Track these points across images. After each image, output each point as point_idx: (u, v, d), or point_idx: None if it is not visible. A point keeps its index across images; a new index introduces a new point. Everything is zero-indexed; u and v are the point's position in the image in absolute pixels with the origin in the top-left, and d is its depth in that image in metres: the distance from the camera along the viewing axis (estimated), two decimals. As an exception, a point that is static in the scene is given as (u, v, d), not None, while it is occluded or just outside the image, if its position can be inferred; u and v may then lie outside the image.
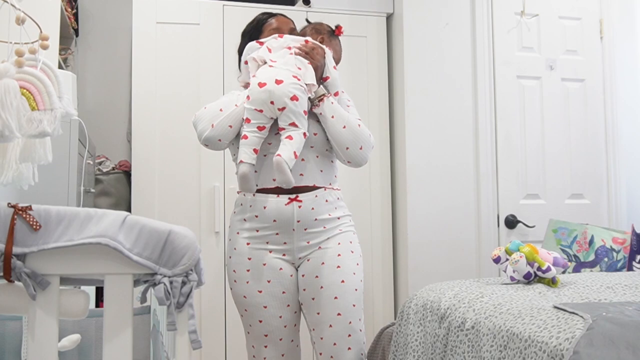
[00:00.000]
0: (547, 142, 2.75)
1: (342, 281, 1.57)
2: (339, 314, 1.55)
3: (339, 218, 1.63)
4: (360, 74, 2.68)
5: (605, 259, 2.26)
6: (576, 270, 2.27)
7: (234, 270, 1.62)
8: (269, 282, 1.59)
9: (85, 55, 2.75)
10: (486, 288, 1.66)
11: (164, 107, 2.49)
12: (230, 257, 1.65)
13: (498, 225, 2.66)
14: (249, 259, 1.60)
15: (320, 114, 1.60)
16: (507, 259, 1.78)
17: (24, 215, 0.98)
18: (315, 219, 1.58)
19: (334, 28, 1.76)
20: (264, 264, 1.59)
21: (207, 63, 2.54)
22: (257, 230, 1.59)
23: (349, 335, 1.55)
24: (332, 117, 1.58)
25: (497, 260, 1.82)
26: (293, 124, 1.52)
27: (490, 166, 2.65)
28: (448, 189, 2.60)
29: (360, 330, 1.59)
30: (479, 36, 2.67)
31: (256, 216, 1.59)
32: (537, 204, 2.71)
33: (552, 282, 1.67)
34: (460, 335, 1.51)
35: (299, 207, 1.57)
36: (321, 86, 1.61)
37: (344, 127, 1.58)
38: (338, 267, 1.58)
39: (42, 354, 0.99)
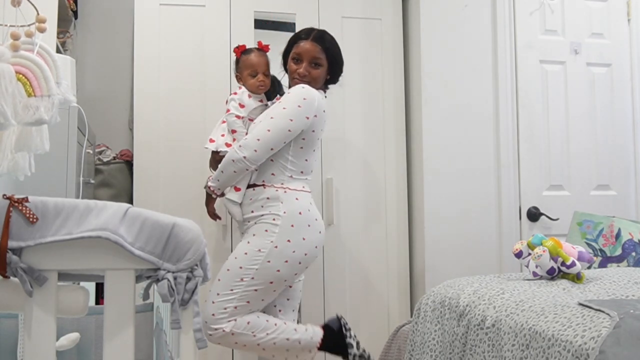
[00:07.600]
0: (571, 130, 2.71)
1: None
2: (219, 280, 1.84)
3: (262, 216, 1.81)
4: (374, 59, 2.62)
5: (633, 254, 2.23)
6: (602, 265, 2.25)
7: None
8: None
9: (84, 39, 2.67)
10: (507, 284, 1.66)
11: (168, 93, 2.42)
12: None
13: (520, 218, 2.62)
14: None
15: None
16: (530, 254, 1.78)
17: (20, 208, 0.96)
18: (244, 216, 1.88)
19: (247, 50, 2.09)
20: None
21: (214, 47, 2.46)
22: None
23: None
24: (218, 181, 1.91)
25: (518, 254, 1.83)
26: None
27: (512, 155, 2.61)
28: (467, 180, 2.56)
29: (214, 301, 1.77)
30: (499, 18, 2.62)
31: None
32: (561, 196, 2.66)
33: (576, 278, 1.66)
34: (480, 333, 1.50)
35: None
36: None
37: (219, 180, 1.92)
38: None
39: (39, 354, 0.98)
